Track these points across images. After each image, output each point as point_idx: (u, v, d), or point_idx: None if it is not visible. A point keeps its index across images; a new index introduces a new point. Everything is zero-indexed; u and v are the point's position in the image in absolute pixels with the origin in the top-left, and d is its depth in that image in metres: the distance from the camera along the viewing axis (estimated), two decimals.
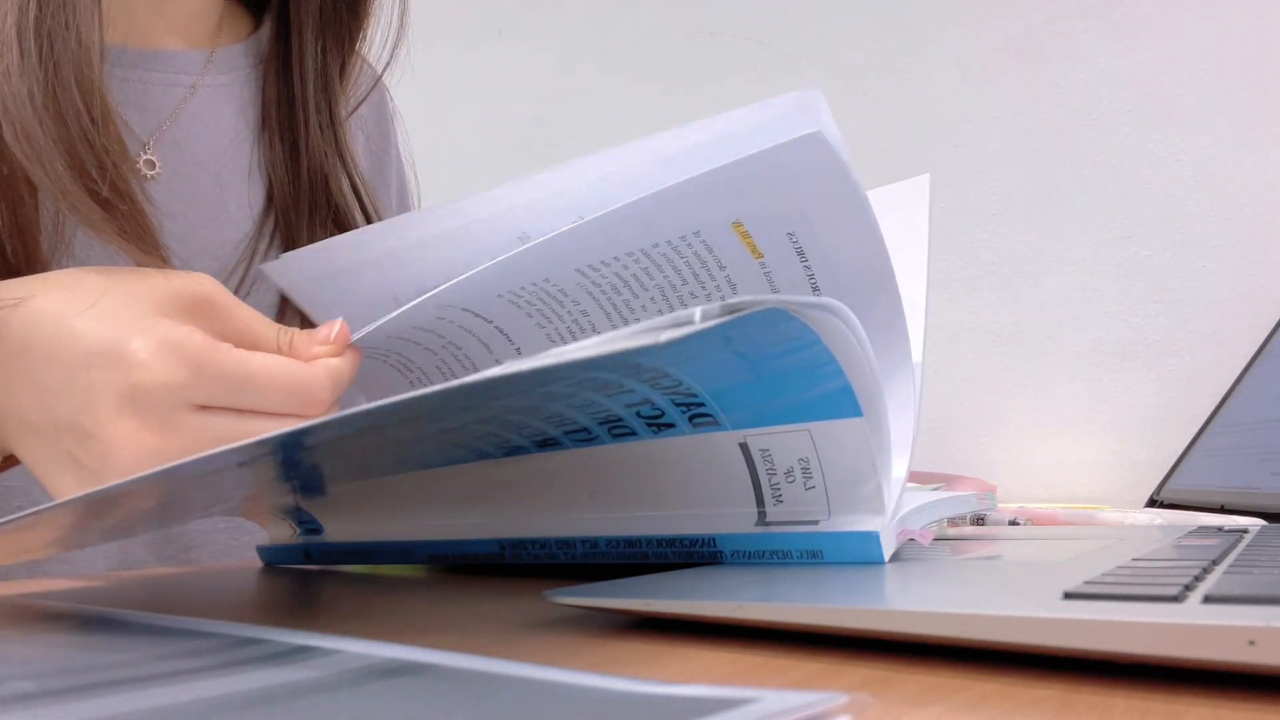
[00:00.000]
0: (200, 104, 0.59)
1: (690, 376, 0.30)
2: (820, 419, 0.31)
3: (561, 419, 0.33)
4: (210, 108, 0.59)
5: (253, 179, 0.60)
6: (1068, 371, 1.02)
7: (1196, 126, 0.98)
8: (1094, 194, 1.02)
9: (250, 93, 0.61)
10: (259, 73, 0.62)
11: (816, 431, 0.31)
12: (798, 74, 1.16)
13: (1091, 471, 1.00)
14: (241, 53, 0.62)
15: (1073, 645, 0.20)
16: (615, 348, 0.21)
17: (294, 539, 0.47)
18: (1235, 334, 0.94)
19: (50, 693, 0.17)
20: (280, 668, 0.19)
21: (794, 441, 0.32)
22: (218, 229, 0.57)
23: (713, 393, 0.31)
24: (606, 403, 0.31)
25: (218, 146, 0.59)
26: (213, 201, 0.58)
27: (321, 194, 0.60)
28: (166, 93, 0.58)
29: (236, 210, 0.58)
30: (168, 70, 0.58)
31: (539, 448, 0.36)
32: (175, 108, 0.58)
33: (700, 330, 0.22)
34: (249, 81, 0.61)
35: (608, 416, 0.33)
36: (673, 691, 0.16)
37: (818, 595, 0.25)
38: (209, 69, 0.60)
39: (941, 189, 1.08)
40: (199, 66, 0.59)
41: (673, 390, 0.31)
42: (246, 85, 0.61)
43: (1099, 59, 1.02)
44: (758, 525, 0.34)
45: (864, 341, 0.29)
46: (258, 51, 0.62)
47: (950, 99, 1.08)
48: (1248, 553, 0.31)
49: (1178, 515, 0.60)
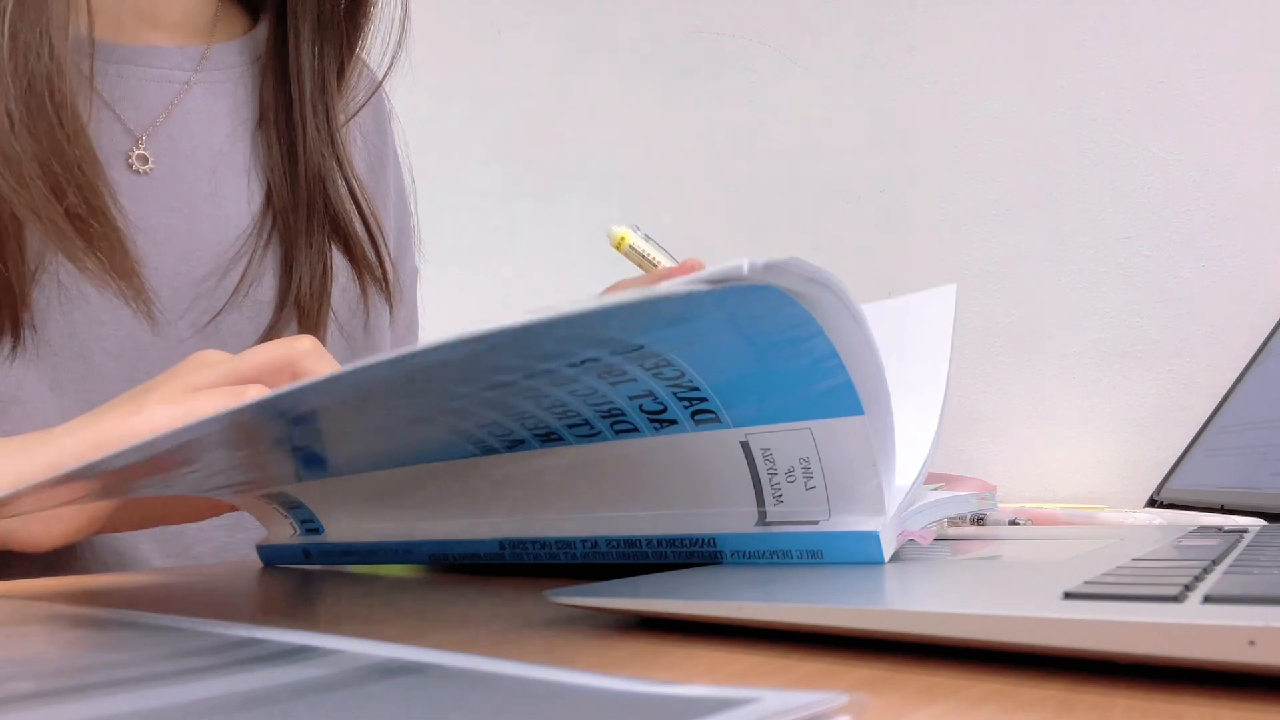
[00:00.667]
0: (194, 101, 0.59)
1: (693, 365, 0.30)
2: (821, 417, 0.31)
3: (565, 409, 0.33)
4: (204, 104, 0.59)
5: (249, 177, 0.60)
6: (1068, 371, 1.02)
7: (1196, 126, 0.98)
8: (1094, 194, 1.02)
9: (245, 91, 0.61)
10: (254, 71, 0.62)
11: (817, 430, 0.31)
12: (798, 74, 1.16)
13: (1091, 471, 1.00)
14: (236, 50, 0.62)
15: (1073, 645, 0.20)
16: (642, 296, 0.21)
17: (294, 539, 0.47)
18: (1235, 334, 0.94)
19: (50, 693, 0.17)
20: (280, 668, 0.19)
21: (795, 440, 0.32)
22: (214, 225, 0.57)
23: (715, 386, 0.31)
24: (609, 392, 0.31)
25: (212, 143, 0.59)
26: (208, 198, 0.58)
27: (319, 198, 0.60)
28: (160, 89, 0.58)
29: (233, 207, 0.59)
30: (162, 66, 0.58)
31: (542, 442, 0.36)
32: (169, 104, 0.58)
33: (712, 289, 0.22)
34: (243, 80, 0.61)
35: (610, 410, 0.32)
36: (673, 692, 0.16)
37: (818, 595, 0.25)
38: (203, 66, 0.60)
39: (941, 189, 1.08)
40: (193, 63, 0.59)
41: (675, 382, 0.31)
42: (241, 83, 0.61)
43: (1099, 59, 1.02)
44: (758, 525, 0.34)
45: (865, 328, 0.28)
46: (252, 50, 0.62)
47: (950, 99, 1.08)
48: (1248, 553, 0.31)
49: (1178, 515, 0.60)
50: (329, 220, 0.60)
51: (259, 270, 0.58)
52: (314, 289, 0.59)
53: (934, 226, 1.08)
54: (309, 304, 0.59)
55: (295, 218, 0.59)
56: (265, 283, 0.58)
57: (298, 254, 0.59)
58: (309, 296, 0.59)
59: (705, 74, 1.20)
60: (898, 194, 1.10)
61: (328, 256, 0.60)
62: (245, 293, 0.57)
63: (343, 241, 0.61)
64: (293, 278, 0.58)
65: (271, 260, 0.59)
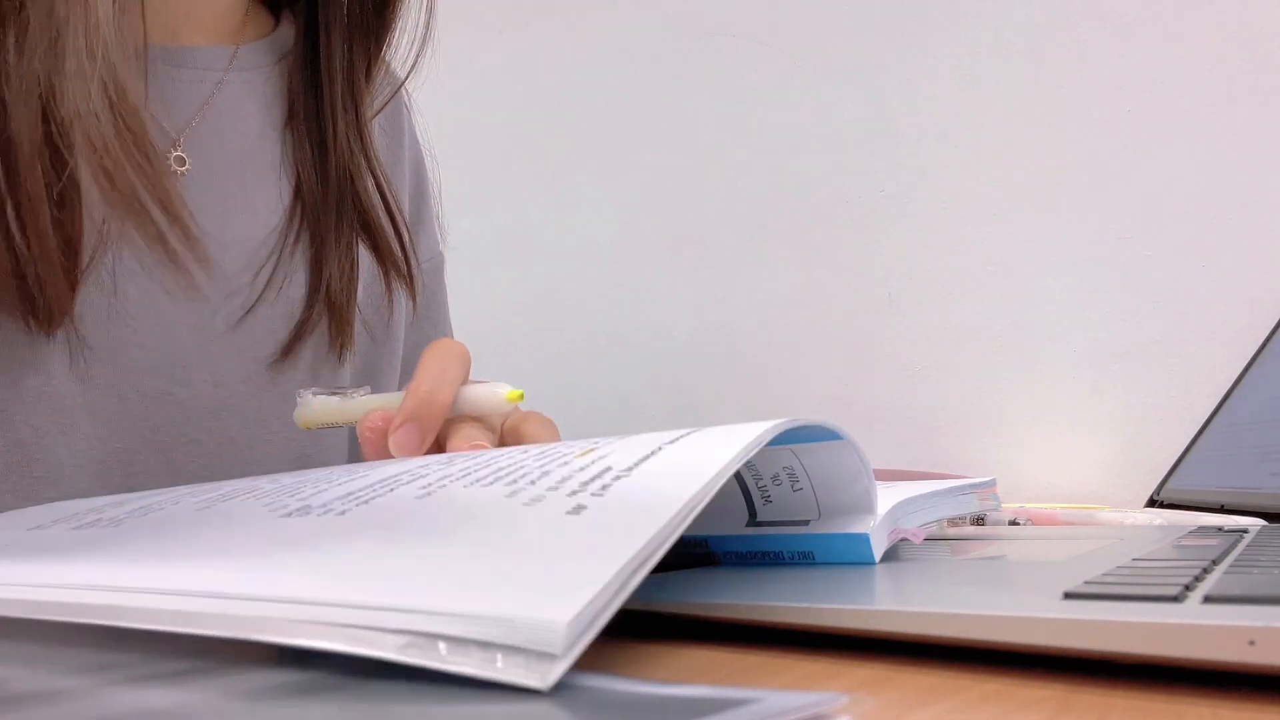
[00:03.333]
0: (226, 99, 0.59)
1: None
2: (802, 442, 0.31)
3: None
4: (235, 103, 0.59)
5: (279, 175, 0.60)
6: (1068, 371, 1.02)
7: (1195, 127, 0.98)
8: (1094, 194, 1.02)
9: (274, 89, 0.62)
10: (281, 69, 0.62)
11: (800, 450, 0.31)
12: (798, 74, 1.16)
13: (1091, 471, 1.00)
14: (264, 49, 0.62)
15: (1073, 645, 0.20)
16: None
17: None
18: (1235, 334, 0.94)
19: (50, 693, 0.17)
20: (280, 668, 0.19)
21: (775, 456, 0.32)
22: (245, 223, 0.58)
23: None
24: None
25: (243, 141, 0.59)
26: (240, 196, 0.58)
27: (349, 194, 0.60)
28: (194, 89, 0.58)
29: (263, 205, 0.59)
30: (195, 66, 0.58)
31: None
32: (203, 104, 0.58)
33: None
34: (271, 78, 0.62)
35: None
36: (672, 692, 0.16)
37: (819, 595, 0.25)
38: (234, 65, 0.60)
39: (941, 189, 1.08)
40: (224, 62, 0.60)
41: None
42: (270, 81, 0.62)
43: (1098, 59, 1.02)
44: (749, 526, 0.34)
45: None
46: (279, 48, 0.63)
47: (950, 98, 1.08)
48: (1248, 553, 0.31)
49: (1178, 515, 0.60)
50: (358, 217, 0.61)
51: (290, 267, 0.58)
52: (343, 285, 0.59)
53: (934, 226, 1.08)
54: (339, 300, 0.59)
55: (325, 215, 0.60)
56: (296, 279, 0.59)
57: (327, 252, 0.59)
58: (339, 293, 0.59)
59: (705, 74, 1.20)
60: (898, 194, 1.10)
61: (355, 252, 0.61)
62: (280, 288, 0.58)
63: (371, 238, 0.62)
64: (323, 275, 0.59)
65: (301, 257, 0.59)
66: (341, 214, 0.60)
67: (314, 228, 0.59)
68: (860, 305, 1.09)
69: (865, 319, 1.09)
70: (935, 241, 1.08)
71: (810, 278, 1.13)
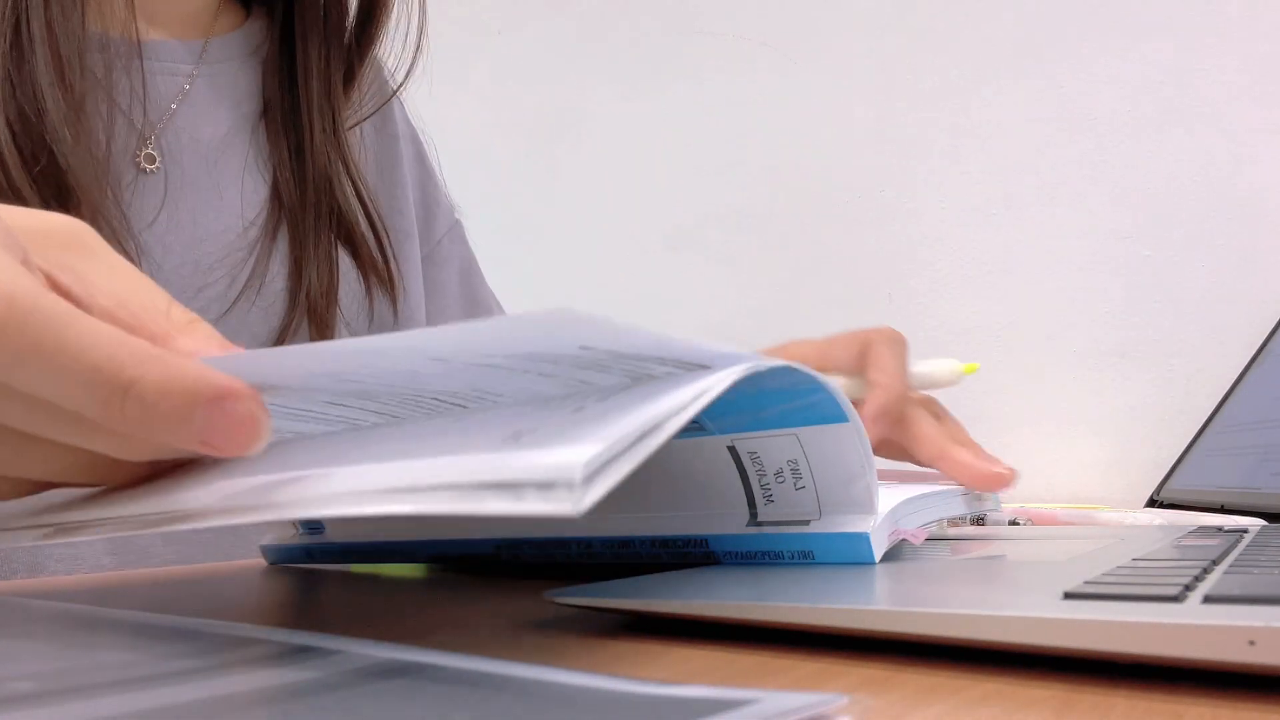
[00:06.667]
0: (198, 94, 0.59)
1: None
2: (807, 424, 0.31)
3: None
4: (207, 97, 0.60)
5: (253, 172, 0.60)
6: (1068, 371, 1.02)
7: (1196, 127, 0.98)
8: (1094, 194, 1.02)
9: (245, 83, 0.62)
10: (252, 64, 0.62)
11: (804, 435, 0.31)
12: (798, 74, 1.16)
13: (1091, 471, 1.00)
14: (234, 42, 0.62)
15: (1073, 645, 0.20)
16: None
17: (296, 538, 0.47)
18: (1235, 334, 0.94)
19: (50, 693, 0.17)
20: (281, 668, 0.19)
21: (782, 444, 0.32)
22: (218, 217, 0.58)
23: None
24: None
25: (214, 136, 0.59)
26: (211, 190, 0.58)
27: (326, 200, 0.60)
28: (166, 83, 0.58)
29: (235, 199, 0.59)
30: (167, 60, 0.58)
31: None
32: (173, 99, 0.58)
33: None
34: (242, 71, 0.62)
35: None
36: (672, 692, 0.16)
37: (819, 595, 0.25)
38: (204, 58, 0.60)
39: (941, 189, 1.08)
40: (194, 57, 0.60)
41: None
42: (241, 74, 0.62)
43: (1099, 59, 1.02)
44: (749, 525, 0.34)
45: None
46: (250, 41, 0.63)
47: (950, 98, 1.08)
48: (1248, 553, 0.31)
49: (1178, 515, 0.60)
50: (336, 222, 0.61)
51: (266, 265, 0.58)
52: (323, 289, 0.59)
53: (934, 226, 1.08)
54: (319, 303, 0.59)
55: (303, 220, 0.60)
56: (276, 283, 0.59)
57: (306, 256, 0.59)
58: (319, 296, 0.59)
59: (705, 74, 1.20)
60: (898, 194, 1.10)
61: (334, 257, 0.61)
62: (257, 288, 0.58)
63: (350, 243, 0.62)
64: (303, 279, 0.59)
65: (279, 258, 0.59)
66: (319, 219, 0.60)
67: (293, 230, 0.60)
68: (860, 305, 1.09)
69: (865, 319, 1.10)
70: (935, 241, 1.08)
71: (810, 278, 1.13)
